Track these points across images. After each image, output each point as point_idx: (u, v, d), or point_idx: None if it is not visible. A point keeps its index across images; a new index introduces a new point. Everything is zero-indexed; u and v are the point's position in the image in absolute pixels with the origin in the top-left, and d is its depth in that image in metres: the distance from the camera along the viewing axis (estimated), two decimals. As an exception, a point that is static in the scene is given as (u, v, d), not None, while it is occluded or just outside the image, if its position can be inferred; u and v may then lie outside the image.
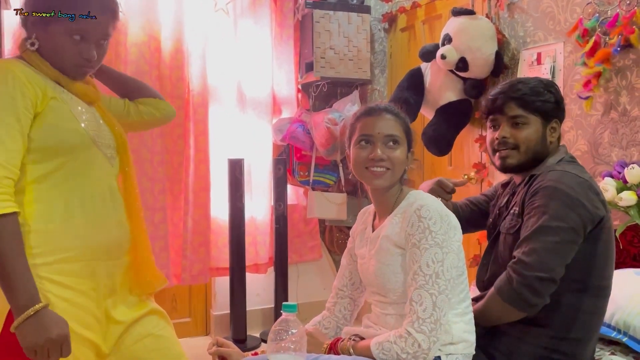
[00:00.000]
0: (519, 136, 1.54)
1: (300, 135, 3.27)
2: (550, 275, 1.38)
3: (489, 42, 2.55)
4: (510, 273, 1.42)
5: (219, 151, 3.17)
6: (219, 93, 3.19)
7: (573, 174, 1.46)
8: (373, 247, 1.43)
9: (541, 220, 1.41)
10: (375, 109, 1.42)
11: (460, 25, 2.59)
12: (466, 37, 2.55)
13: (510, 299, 1.41)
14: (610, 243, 1.49)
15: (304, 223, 3.49)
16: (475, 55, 2.54)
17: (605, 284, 1.49)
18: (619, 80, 2.14)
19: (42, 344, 1.17)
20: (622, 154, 2.14)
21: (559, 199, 1.41)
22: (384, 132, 1.38)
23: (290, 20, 3.37)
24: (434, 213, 1.32)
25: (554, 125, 1.57)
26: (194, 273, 3.06)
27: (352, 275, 1.58)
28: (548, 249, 1.39)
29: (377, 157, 1.36)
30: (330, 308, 1.59)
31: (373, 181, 1.39)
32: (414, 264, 1.30)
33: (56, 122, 1.29)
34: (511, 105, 1.54)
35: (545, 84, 1.58)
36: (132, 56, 2.88)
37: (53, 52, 1.33)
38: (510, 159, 1.56)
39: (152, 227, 2.91)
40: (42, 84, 1.30)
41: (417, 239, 1.30)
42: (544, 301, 1.40)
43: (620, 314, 1.68)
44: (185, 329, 3.33)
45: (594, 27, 2.13)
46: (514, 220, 1.52)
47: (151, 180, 2.91)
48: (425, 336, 1.25)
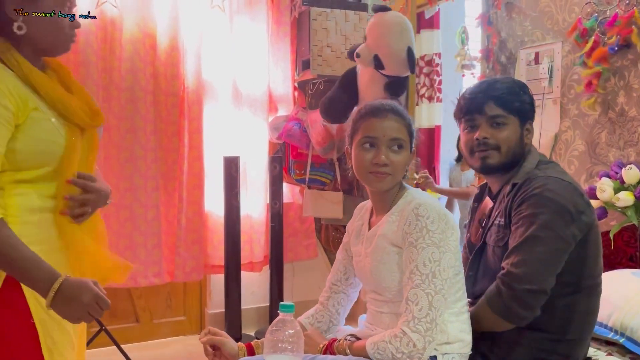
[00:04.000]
0: (500, 136, 1.51)
1: (297, 134, 3.26)
2: (541, 287, 1.36)
3: (398, 38, 2.52)
4: (499, 285, 1.39)
5: (215, 149, 3.15)
6: (215, 90, 3.16)
7: (557, 179, 1.44)
8: (369, 245, 1.42)
9: (530, 230, 1.39)
10: (380, 109, 1.39)
11: (372, 23, 2.62)
12: (376, 34, 2.57)
13: (500, 312, 1.39)
14: (598, 242, 1.49)
15: (299, 221, 3.48)
16: (384, 51, 2.54)
17: (597, 281, 1.48)
18: (617, 81, 2.14)
19: (80, 312, 1.20)
20: (620, 154, 2.14)
21: (546, 207, 1.39)
22: (389, 135, 1.36)
23: (287, 17, 3.35)
24: (431, 212, 1.31)
25: (529, 126, 1.55)
26: (187, 270, 3.04)
27: (346, 270, 1.56)
28: (538, 259, 1.37)
29: (381, 162, 1.35)
30: (324, 302, 1.58)
31: (375, 184, 1.38)
32: (411, 263, 1.29)
33: (38, 134, 1.26)
34: (491, 104, 1.51)
35: (519, 84, 1.57)
36: (127, 53, 2.86)
37: (46, 30, 1.29)
38: (491, 159, 1.52)
39: (145, 224, 2.89)
40: (24, 93, 1.26)
41: (414, 238, 1.29)
42: (535, 314, 1.38)
43: (617, 314, 1.68)
44: (180, 328, 3.32)
45: (593, 27, 2.13)
46: (501, 232, 1.49)
47: (144, 177, 2.89)
48: (421, 336, 1.24)
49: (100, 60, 2.81)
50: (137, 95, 2.88)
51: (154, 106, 2.94)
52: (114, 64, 2.84)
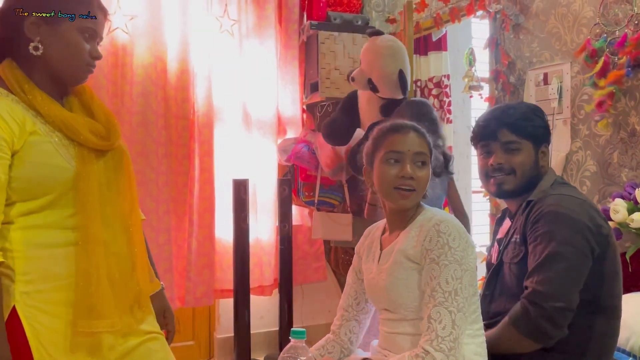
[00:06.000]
0: (514, 161, 1.54)
1: (305, 156, 3.26)
2: (568, 305, 1.36)
3: (389, 61, 2.56)
4: (526, 304, 1.39)
5: (223, 171, 3.15)
6: (224, 113, 3.18)
7: (571, 196, 1.46)
8: (386, 261, 1.40)
9: (550, 247, 1.39)
10: (403, 126, 1.40)
11: (365, 47, 2.67)
12: (368, 58, 2.61)
13: (528, 332, 1.38)
14: (616, 260, 1.48)
15: (308, 244, 3.46)
16: (377, 75, 2.57)
17: (615, 303, 1.47)
18: (628, 101, 2.13)
19: None
20: (632, 174, 2.12)
21: (563, 223, 1.40)
22: (413, 149, 1.36)
23: (295, 41, 3.38)
24: (453, 229, 1.30)
25: (544, 149, 1.57)
26: (198, 295, 3.02)
27: (357, 294, 1.54)
28: (562, 276, 1.37)
29: (408, 174, 1.33)
30: (335, 331, 1.56)
31: (399, 201, 1.36)
32: (432, 280, 1.27)
33: (36, 158, 1.19)
34: (504, 131, 1.54)
35: (533, 109, 1.60)
36: (139, 77, 2.89)
37: (63, 53, 1.24)
38: (506, 184, 1.55)
39: (157, 248, 2.88)
40: (21, 116, 1.19)
41: (436, 255, 1.28)
42: (564, 332, 1.37)
43: (635, 338, 1.64)
44: (189, 353, 3.28)
45: (602, 48, 2.13)
46: (517, 249, 1.50)
47: (156, 201, 2.89)
48: (445, 355, 1.21)
49: (111, 84, 2.84)
50: (149, 119, 2.90)
51: (166, 129, 2.96)
52: (125, 88, 2.87)
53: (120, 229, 1.32)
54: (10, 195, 1.19)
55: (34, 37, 1.23)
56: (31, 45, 1.23)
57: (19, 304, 1.18)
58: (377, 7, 3.52)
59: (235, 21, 3.18)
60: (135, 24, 2.88)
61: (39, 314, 1.20)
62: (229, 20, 3.17)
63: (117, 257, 1.30)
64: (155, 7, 2.92)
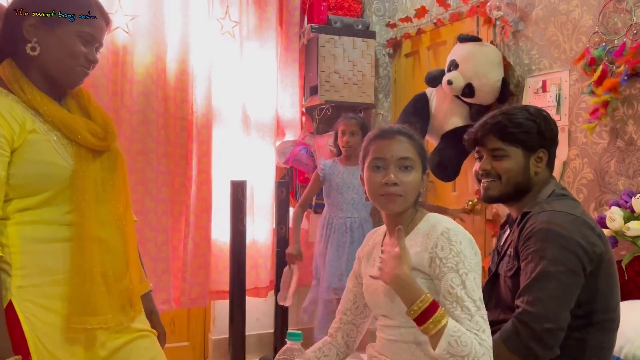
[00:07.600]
0: (500, 168, 1.54)
1: (304, 158, 3.26)
2: (558, 325, 1.35)
3: (496, 69, 2.57)
4: (516, 324, 1.38)
5: (221, 173, 3.16)
6: (224, 115, 3.19)
7: (564, 213, 1.43)
8: None
9: (540, 266, 1.38)
10: (388, 131, 1.40)
11: (467, 51, 2.60)
12: (473, 63, 2.56)
13: (518, 351, 1.37)
14: (612, 275, 1.46)
15: (305, 246, 3.45)
16: (481, 81, 2.55)
17: (611, 316, 1.45)
18: (625, 110, 2.14)
19: None
20: (629, 183, 2.13)
21: (554, 241, 1.38)
22: (397, 155, 1.35)
23: (295, 44, 3.39)
24: (462, 237, 1.30)
25: (540, 155, 1.55)
26: (193, 296, 3.02)
27: (356, 298, 1.54)
28: (552, 296, 1.35)
29: (390, 181, 1.33)
30: (332, 334, 1.55)
31: (387, 206, 1.37)
32: (454, 289, 1.25)
33: (35, 156, 1.21)
34: (491, 137, 1.55)
35: (531, 113, 1.56)
36: (139, 76, 2.89)
37: (59, 55, 1.25)
38: (492, 190, 1.56)
39: (155, 248, 2.88)
40: (21, 115, 1.21)
41: (453, 263, 1.26)
42: (554, 353, 1.36)
43: (629, 347, 1.64)
44: (183, 354, 3.28)
45: (601, 56, 2.14)
46: (511, 262, 1.49)
47: (155, 200, 2.90)
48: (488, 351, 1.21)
49: (110, 83, 2.84)
50: (150, 118, 2.90)
51: (165, 129, 2.96)
52: (125, 87, 2.87)
53: (115, 228, 1.34)
54: (8, 192, 1.20)
55: (31, 38, 1.25)
56: (28, 46, 1.24)
57: (15, 298, 1.19)
58: (377, 11, 3.53)
59: (236, 23, 3.19)
60: (136, 24, 2.88)
61: (35, 307, 1.21)
62: (230, 21, 3.18)
63: (112, 255, 1.32)
64: (157, 7, 2.92)
